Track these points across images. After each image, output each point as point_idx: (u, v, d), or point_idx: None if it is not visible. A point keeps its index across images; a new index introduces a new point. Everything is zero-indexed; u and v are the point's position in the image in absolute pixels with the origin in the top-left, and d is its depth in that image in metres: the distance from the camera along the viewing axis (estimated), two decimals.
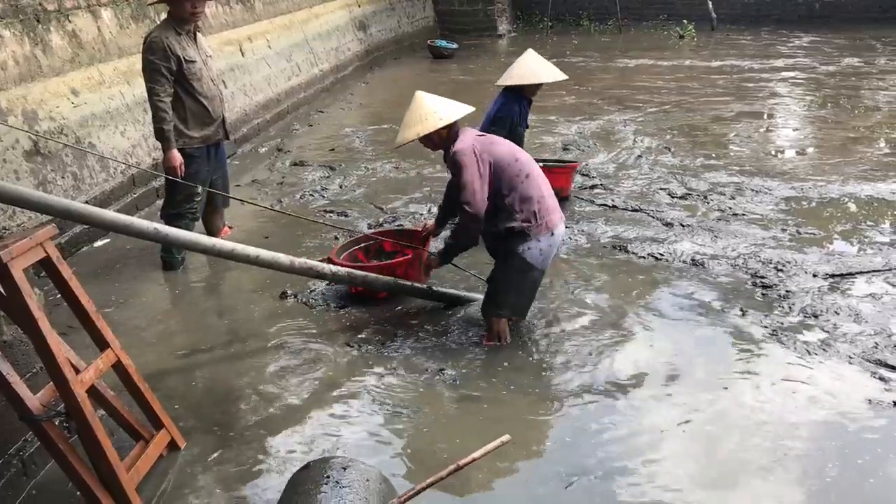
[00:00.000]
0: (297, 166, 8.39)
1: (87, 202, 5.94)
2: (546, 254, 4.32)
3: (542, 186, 4.33)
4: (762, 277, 5.22)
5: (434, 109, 4.30)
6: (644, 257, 5.67)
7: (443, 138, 4.35)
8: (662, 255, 5.69)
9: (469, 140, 4.28)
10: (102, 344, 3.32)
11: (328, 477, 2.80)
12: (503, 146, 4.37)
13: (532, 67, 5.84)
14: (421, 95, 4.39)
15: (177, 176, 5.34)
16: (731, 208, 6.68)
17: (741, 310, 4.79)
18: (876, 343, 4.34)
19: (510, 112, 5.87)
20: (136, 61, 6.21)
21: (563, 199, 6.23)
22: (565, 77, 5.94)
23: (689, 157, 8.45)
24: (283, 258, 4.44)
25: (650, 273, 5.41)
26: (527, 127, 6.24)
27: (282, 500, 2.85)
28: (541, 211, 4.26)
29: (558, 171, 6.74)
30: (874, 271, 5.29)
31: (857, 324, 4.58)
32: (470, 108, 4.38)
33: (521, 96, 5.92)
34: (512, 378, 4.11)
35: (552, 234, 4.29)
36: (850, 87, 12.24)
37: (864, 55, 15.21)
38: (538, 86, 5.95)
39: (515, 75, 5.84)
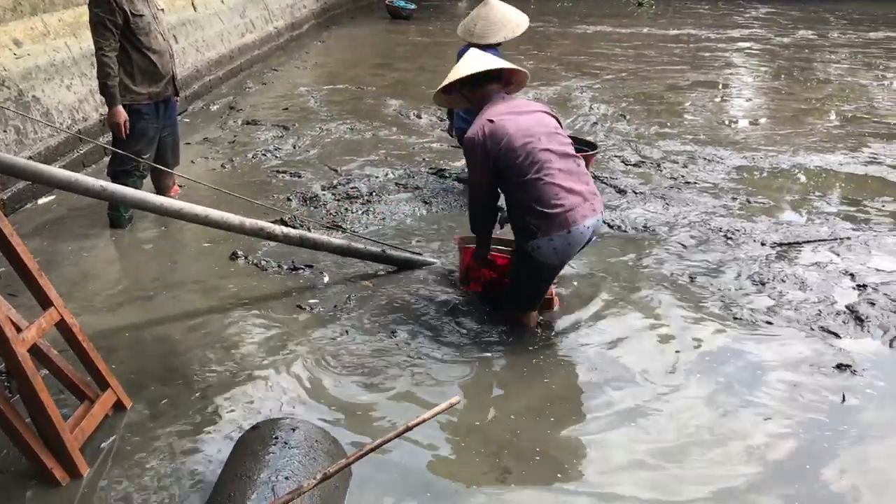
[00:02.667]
0: (250, 125, 8.25)
1: (30, 158, 5.76)
2: (563, 251, 3.85)
3: (558, 177, 3.79)
4: (712, 244, 5.29)
5: (466, 63, 3.93)
6: None
7: (474, 99, 4.00)
8: (614, 221, 5.73)
9: (481, 123, 3.82)
10: (45, 302, 3.23)
11: (276, 438, 2.79)
12: (518, 129, 3.80)
13: (505, 18, 5.62)
14: (474, 49, 4.08)
15: (121, 133, 5.21)
16: (683, 176, 6.76)
17: (690, 276, 4.86)
18: (819, 310, 4.44)
19: None
20: (84, 13, 6.02)
21: None
22: (494, 40, 5.71)
23: (644, 124, 8.51)
24: (234, 218, 4.37)
25: (602, 240, 5.45)
26: None
27: (229, 460, 2.84)
28: (555, 208, 3.75)
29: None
30: (820, 241, 5.40)
31: (803, 291, 4.68)
32: (503, 63, 3.99)
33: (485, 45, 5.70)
34: (465, 342, 4.11)
35: (569, 231, 3.77)
36: (803, 59, 12.41)
37: (818, 28, 15.42)
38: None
39: (501, 28, 5.61)
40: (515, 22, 5.67)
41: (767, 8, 18.14)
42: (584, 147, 6.53)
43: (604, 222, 5.70)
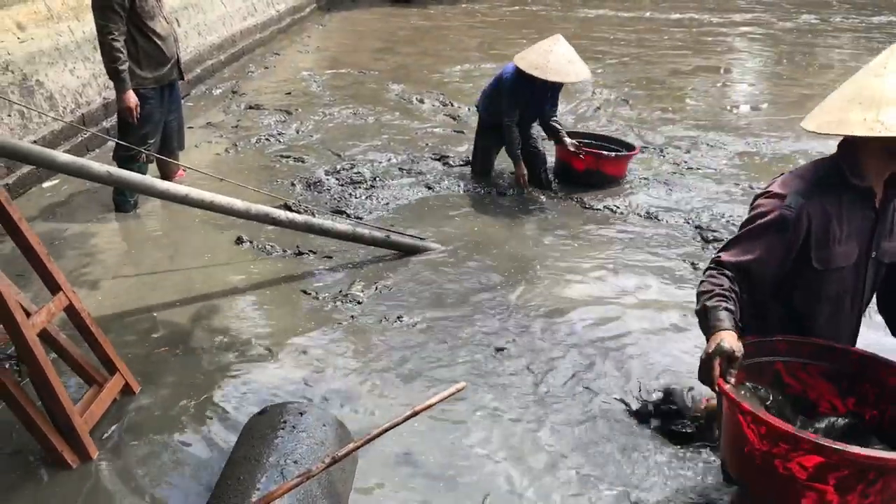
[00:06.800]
0: (253, 110, 8.25)
1: (35, 142, 5.77)
2: None
3: None
4: (714, 231, 5.31)
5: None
6: (600, 209, 5.72)
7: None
8: (618, 207, 5.74)
9: None
10: (54, 287, 3.26)
11: (285, 422, 2.82)
12: None
13: (549, 61, 5.56)
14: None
15: (132, 118, 5.21)
16: (686, 162, 6.76)
17: (692, 263, 4.88)
18: None
19: (516, 95, 5.75)
20: None
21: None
22: (584, 77, 5.80)
23: (647, 110, 8.50)
24: (239, 203, 4.39)
25: (605, 225, 5.47)
26: (553, 110, 6.04)
27: (238, 444, 2.87)
28: None
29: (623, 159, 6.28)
30: None
31: None
32: None
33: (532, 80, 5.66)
34: (469, 324, 4.14)
35: None
36: (805, 44, 12.37)
37: (822, 12, 15.35)
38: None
39: (530, 61, 5.59)
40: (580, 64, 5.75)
41: None
42: (620, 148, 6.45)
43: (605, 208, 5.73)
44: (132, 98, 5.17)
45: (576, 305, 4.37)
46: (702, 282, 2.37)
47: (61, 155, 3.96)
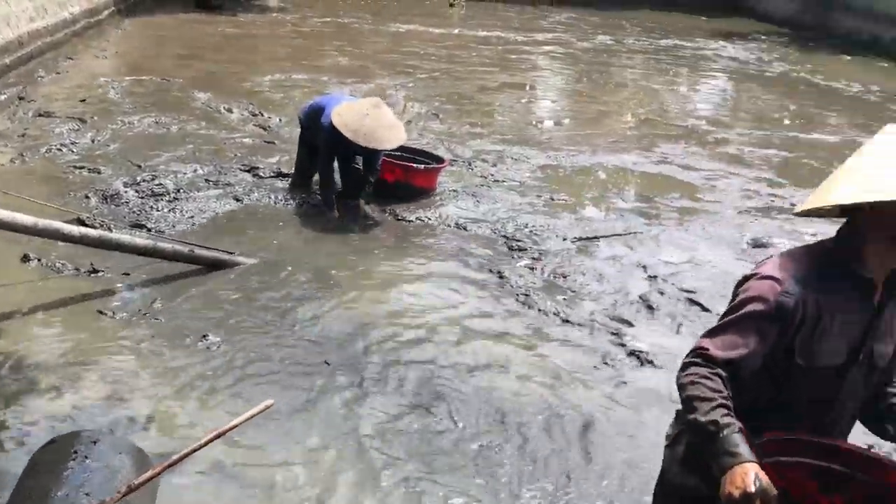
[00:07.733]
0: (43, 117, 7.68)
1: None
2: None
3: None
4: (518, 240, 5.54)
5: None
6: (412, 221, 5.80)
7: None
8: (429, 218, 5.85)
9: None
10: None
11: (76, 452, 2.64)
12: None
13: (364, 124, 5.43)
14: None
15: None
16: (492, 175, 7.00)
17: (498, 272, 5.05)
18: (615, 300, 4.77)
19: (332, 148, 5.68)
20: None
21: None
22: (398, 144, 5.70)
23: (457, 124, 8.73)
24: (25, 218, 4.09)
25: (417, 237, 5.55)
26: (373, 169, 5.86)
27: (22, 479, 2.65)
28: None
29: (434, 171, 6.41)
30: (616, 235, 5.79)
31: (600, 283, 5.00)
32: None
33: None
34: (277, 340, 4.07)
35: None
36: (602, 64, 13.18)
37: (616, 34, 16.42)
38: None
39: (345, 121, 5.44)
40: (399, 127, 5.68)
41: (569, 13, 19.10)
42: (430, 161, 6.55)
43: (417, 219, 5.81)
44: None
45: (387, 317, 4.40)
46: (693, 382, 1.98)
47: None
